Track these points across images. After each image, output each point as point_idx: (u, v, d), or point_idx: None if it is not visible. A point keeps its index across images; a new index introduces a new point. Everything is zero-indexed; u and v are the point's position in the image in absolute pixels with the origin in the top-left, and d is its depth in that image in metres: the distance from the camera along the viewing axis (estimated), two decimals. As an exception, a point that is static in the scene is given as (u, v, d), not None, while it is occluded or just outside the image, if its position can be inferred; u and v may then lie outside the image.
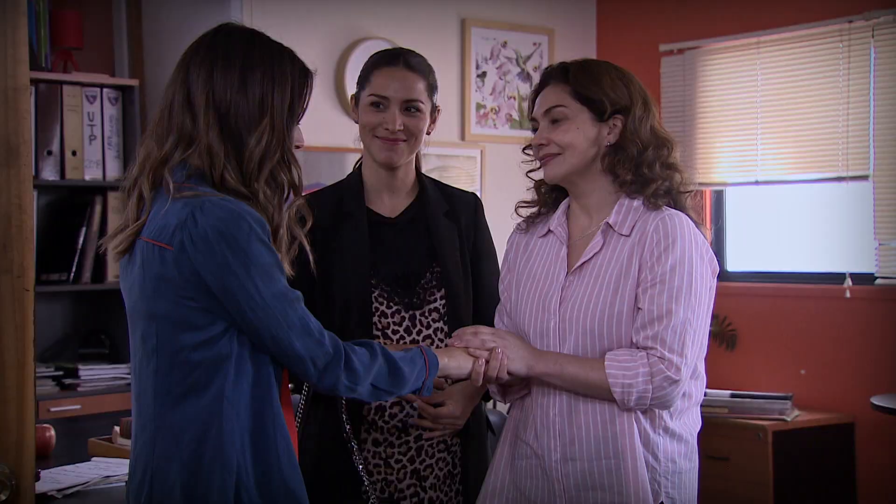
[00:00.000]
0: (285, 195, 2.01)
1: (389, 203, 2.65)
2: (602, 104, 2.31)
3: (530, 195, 2.51)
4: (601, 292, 2.28)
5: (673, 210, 2.30)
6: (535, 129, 2.41)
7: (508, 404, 2.49)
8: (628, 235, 2.29)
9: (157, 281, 1.93)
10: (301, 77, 2.03)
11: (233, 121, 1.97)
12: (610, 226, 2.31)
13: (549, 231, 2.42)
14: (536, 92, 2.41)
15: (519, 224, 2.52)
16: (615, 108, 2.32)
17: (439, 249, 2.61)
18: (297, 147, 2.05)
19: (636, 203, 2.32)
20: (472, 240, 2.68)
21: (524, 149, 2.47)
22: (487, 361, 2.26)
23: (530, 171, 2.47)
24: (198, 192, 1.92)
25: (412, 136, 2.57)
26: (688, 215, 2.32)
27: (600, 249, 2.31)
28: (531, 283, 2.40)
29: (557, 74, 2.37)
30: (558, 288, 2.34)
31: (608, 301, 2.26)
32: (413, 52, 2.64)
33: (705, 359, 2.37)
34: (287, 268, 2.01)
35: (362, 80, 2.63)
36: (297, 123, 2.04)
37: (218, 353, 1.92)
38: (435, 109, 2.64)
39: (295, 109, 2.02)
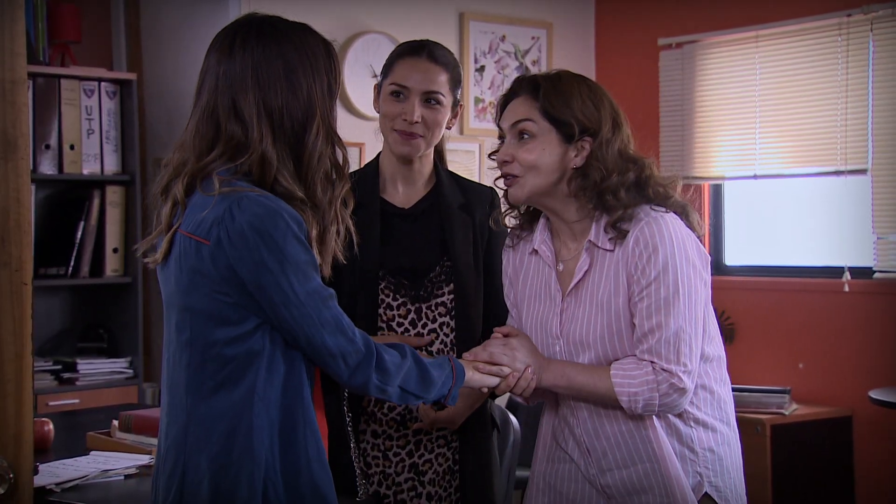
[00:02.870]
0: (335, 188, 2.00)
1: (404, 194, 2.64)
2: (570, 126, 2.26)
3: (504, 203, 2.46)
4: (599, 314, 2.27)
5: (653, 213, 2.25)
6: (501, 138, 2.36)
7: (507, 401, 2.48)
8: (613, 250, 2.26)
9: (192, 274, 1.93)
10: (327, 55, 2.02)
11: (287, 124, 1.96)
12: (593, 243, 2.29)
13: (535, 250, 2.39)
14: (506, 100, 2.35)
15: (506, 242, 2.49)
16: (583, 130, 2.26)
17: (451, 243, 2.59)
18: None
19: (607, 228, 2.27)
20: (486, 235, 2.65)
21: (489, 155, 2.42)
22: (518, 380, 2.26)
23: (498, 178, 2.40)
24: (235, 188, 1.91)
25: (430, 128, 2.56)
26: (677, 213, 2.27)
27: (589, 268, 2.29)
28: (531, 305, 2.39)
29: (528, 88, 2.30)
30: (556, 311, 2.33)
31: (605, 322, 2.26)
32: (439, 44, 2.62)
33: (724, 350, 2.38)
34: (340, 256, 2.02)
35: (385, 70, 2.61)
36: (336, 101, 2.04)
37: (250, 349, 1.92)
38: (457, 104, 2.63)
39: (333, 93, 2.02)
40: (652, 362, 2.22)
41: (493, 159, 2.38)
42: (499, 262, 2.66)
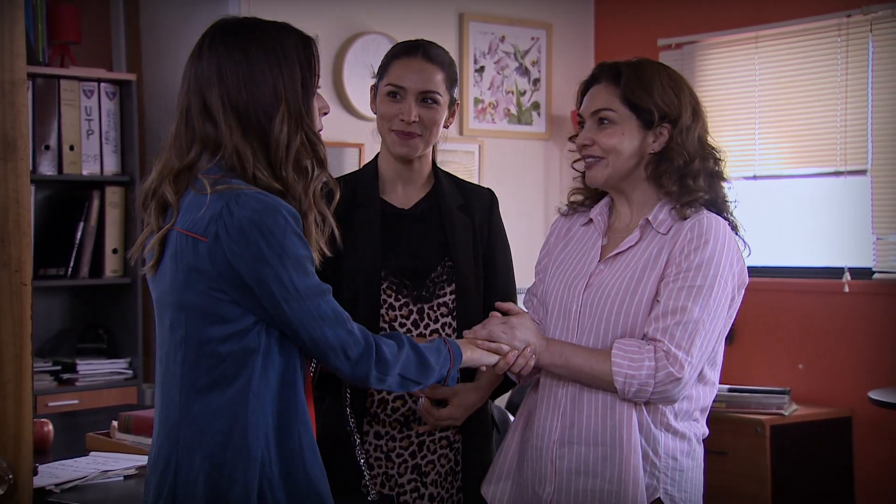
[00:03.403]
0: (311, 177, 2.01)
1: (403, 194, 2.64)
2: (650, 113, 2.31)
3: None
4: (627, 282, 2.30)
5: (713, 213, 2.31)
6: (581, 124, 2.41)
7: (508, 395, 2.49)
8: (665, 234, 2.30)
9: (188, 272, 1.93)
10: (304, 50, 2.03)
11: (252, 115, 1.97)
12: (649, 222, 2.33)
13: (590, 220, 2.44)
14: (587, 86, 2.41)
15: (562, 210, 2.53)
16: (663, 117, 2.31)
17: (452, 243, 2.60)
18: (325, 113, 2.07)
19: (677, 206, 2.32)
20: (486, 236, 2.66)
21: (570, 138, 2.47)
22: (516, 358, 2.28)
23: (576, 161, 2.46)
24: (232, 186, 1.93)
25: (427, 128, 2.56)
26: (730, 223, 2.34)
27: (636, 243, 2.33)
28: (563, 267, 2.42)
29: (609, 74, 2.37)
30: (587, 274, 2.36)
31: (630, 290, 2.28)
32: (434, 43, 2.62)
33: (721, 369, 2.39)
34: (324, 248, 2.02)
35: (381, 71, 2.62)
36: (314, 95, 2.04)
37: (246, 347, 1.93)
38: (454, 102, 2.63)
39: (308, 84, 2.02)
40: (658, 342, 2.22)
41: (573, 142, 2.43)
42: (499, 261, 2.66)
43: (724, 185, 2.38)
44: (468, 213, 2.65)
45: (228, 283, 1.91)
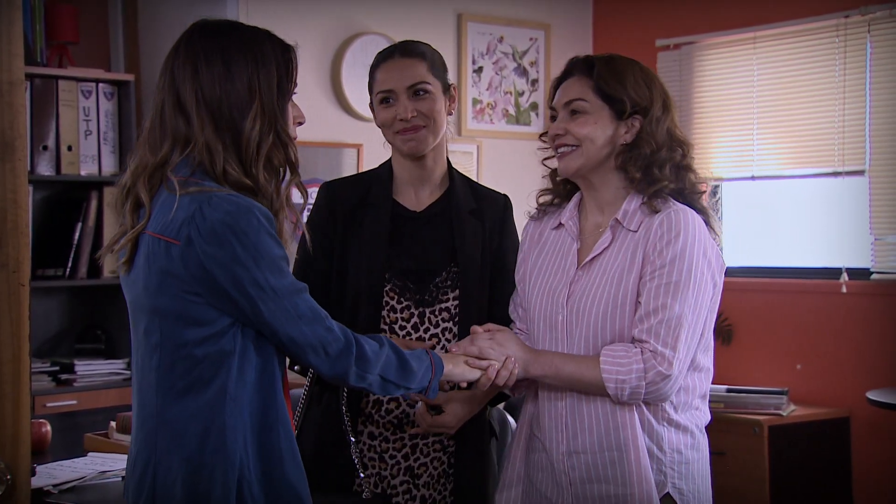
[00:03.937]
0: (281, 177, 2.01)
1: (416, 196, 2.63)
2: (623, 103, 2.32)
3: (543, 185, 2.52)
4: (606, 286, 2.30)
5: (681, 205, 2.32)
6: (553, 118, 2.42)
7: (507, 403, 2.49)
8: (636, 231, 2.31)
9: (161, 276, 1.92)
10: (283, 54, 2.03)
11: (226, 111, 1.97)
12: (619, 221, 2.33)
13: (561, 224, 2.44)
14: (559, 81, 2.42)
15: (532, 214, 2.53)
16: (635, 108, 2.33)
17: (460, 248, 2.59)
18: (300, 123, 2.07)
19: (645, 199, 2.33)
20: (496, 242, 2.65)
21: (541, 136, 2.47)
22: (498, 371, 2.28)
23: (546, 158, 2.47)
24: (203, 188, 1.92)
25: (429, 118, 2.56)
26: (700, 212, 2.33)
27: (609, 245, 2.33)
28: (542, 276, 2.42)
29: (582, 67, 2.38)
30: (567, 283, 2.36)
31: (611, 294, 2.29)
32: (409, 40, 2.63)
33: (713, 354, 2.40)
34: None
35: (370, 84, 2.63)
36: (289, 100, 2.04)
37: (222, 349, 1.93)
38: (449, 87, 2.62)
39: (283, 87, 2.02)
40: (644, 343, 2.23)
41: (544, 141, 2.43)
42: (510, 267, 2.65)
43: (693, 176, 2.38)
44: (479, 218, 2.63)
45: (203, 286, 1.91)
